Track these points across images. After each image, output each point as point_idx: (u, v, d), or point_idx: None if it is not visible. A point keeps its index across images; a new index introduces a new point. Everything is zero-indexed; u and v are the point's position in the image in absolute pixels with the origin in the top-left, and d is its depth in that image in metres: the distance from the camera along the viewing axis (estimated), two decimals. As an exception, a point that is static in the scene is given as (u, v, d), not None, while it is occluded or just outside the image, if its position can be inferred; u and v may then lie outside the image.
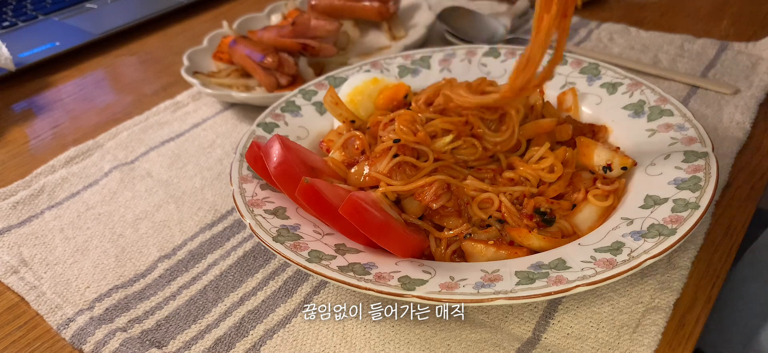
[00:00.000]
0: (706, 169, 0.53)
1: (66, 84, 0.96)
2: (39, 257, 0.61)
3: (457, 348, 0.48)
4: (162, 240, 0.62)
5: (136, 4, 1.16)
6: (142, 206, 0.67)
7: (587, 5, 1.01)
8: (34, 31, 1.07)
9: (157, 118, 0.82)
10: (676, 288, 0.50)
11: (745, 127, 0.68)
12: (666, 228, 0.48)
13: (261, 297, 0.54)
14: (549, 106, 0.68)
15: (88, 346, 0.51)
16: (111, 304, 0.55)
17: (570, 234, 0.54)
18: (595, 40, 0.90)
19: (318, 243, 0.51)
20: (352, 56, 0.91)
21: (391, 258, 0.51)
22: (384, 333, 0.50)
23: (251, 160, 0.59)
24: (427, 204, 0.54)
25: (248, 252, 0.59)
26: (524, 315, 0.50)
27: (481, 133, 0.59)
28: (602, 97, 0.67)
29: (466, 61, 0.75)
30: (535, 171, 0.57)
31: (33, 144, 0.82)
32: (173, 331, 0.52)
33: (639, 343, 0.47)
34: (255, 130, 0.65)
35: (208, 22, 1.13)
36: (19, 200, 0.69)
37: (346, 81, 0.71)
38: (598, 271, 0.45)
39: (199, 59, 0.88)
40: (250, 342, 0.50)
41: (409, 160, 0.56)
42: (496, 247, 0.51)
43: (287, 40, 0.83)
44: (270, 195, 0.57)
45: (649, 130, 0.61)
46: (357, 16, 0.95)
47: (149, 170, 0.73)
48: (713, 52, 0.83)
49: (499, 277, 0.46)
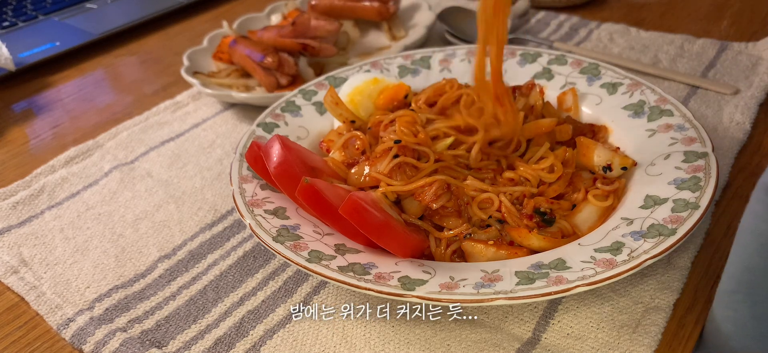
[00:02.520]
0: (706, 169, 0.53)
1: (66, 84, 0.96)
2: (39, 257, 0.61)
3: (457, 348, 0.48)
4: (162, 240, 0.62)
5: (136, 4, 1.16)
6: (142, 206, 0.67)
7: (587, 5, 1.01)
8: (34, 31, 1.07)
9: (157, 118, 0.82)
10: (676, 288, 0.50)
11: (745, 127, 0.68)
12: (666, 228, 0.48)
13: (261, 297, 0.54)
14: (549, 106, 0.68)
15: (88, 346, 0.51)
16: (111, 304, 0.55)
17: (570, 235, 0.54)
18: (595, 40, 0.90)
19: (318, 243, 0.51)
20: (352, 56, 0.91)
21: (391, 258, 0.51)
22: (384, 333, 0.50)
23: (251, 160, 0.59)
24: (427, 204, 0.54)
25: (248, 252, 0.59)
26: (524, 315, 0.50)
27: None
28: (602, 97, 0.67)
29: (466, 61, 0.75)
30: (535, 171, 0.57)
31: (33, 144, 0.82)
32: (173, 331, 0.52)
33: (639, 343, 0.47)
34: (255, 130, 0.65)
35: (208, 22, 1.13)
36: (19, 200, 0.69)
37: (346, 81, 0.71)
38: (598, 271, 0.45)
39: (199, 59, 0.88)
40: (250, 342, 0.50)
41: (409, 161, 0.56)
42: (496, 247, 0.51)
43: (287, 40, 0.83)
44: (270, 195, 0.57)
45: (649, 130, 0.61)
46: (357, 16, 0.95)
47: (149, 170, 0.73)
48: (713, 52, 0.83)
49: (499, 277, 0.46)
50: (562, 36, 0.93)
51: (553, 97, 0.70)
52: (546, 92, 0.70)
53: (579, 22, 0.95)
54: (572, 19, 0.96)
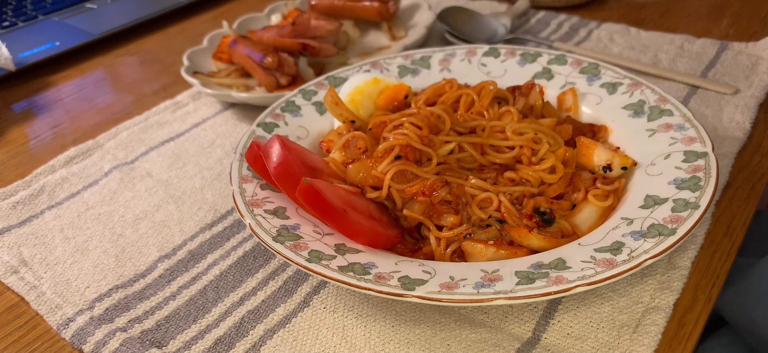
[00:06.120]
0: (706, 169, 0.53)
1: (66, 84, 0.96)
2: (39, 257, 0.61)
3: (457, 348, 0.48)
4: (162, 240, 0.62)
5: (136, 4, 1.16)
6: (142, 206, 0.67)
7: (587, 5, 1.01)
8: (34, 31, 1.07)
9: (157, 118, 0.82)
10: (676, 288, 0.50)
11: (745, 127, 0.68)
12: (666, 228, 0.48)
13: (261, 297, 0.54)
14: (549, 106, 0.68)
15: (88, 346, 0.51)
16: (111, 304, 0.55)
17: (570, 234, 0.54)
18: (595, 40, 0.90)
19: (318, 243, 0.51)
20: (352, 56, 0.91)
21: (391, 258, 0.51)
22: (384, 333, 0.50)
23: (251, 160, 0.59)
24: (427, 196, 0.54)
25: (248, 252, 0.59)
26: (524, 315, 0.50)
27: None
28: (602, 97, 0.67)
29: (466, 61, 0.75)
30: (536, 172, 0.57)
31: (33, 144, 0.82)
32: (173, 331, 0.52)
33: (639, 343, 0.47)
34: (255, 130, 0.65)
35: (208, 22, 1.13)
36: (19, 200, 0.69)
37: (346, 81, 0.71)
38: (598, 271, 0.45)
39: (199, 59, 0.88)
40: (250, 342, 0.50)
41: (409, 167, 0.55)
42: (496, 247, 0.51)
43: (287, 40, 0.83)
44: (270, 195, 0.57)
45: (649, 130, 0.61)
46: (357, 16, 0.95)
47: (149, 170, 0.73)
48: (713, 52, 0.83)
49: (499, 277, 0.46)
50: (562, 36, 0.93)
51: (553, 97, 0.70)
52: (546, 92, 0.70)
53: (579, 22, 0.95)
54: (572, 19, 0.97)
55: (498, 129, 0.60)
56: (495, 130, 0.60)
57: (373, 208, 0.55)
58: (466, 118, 0.62)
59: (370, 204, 0.56)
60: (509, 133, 0.59)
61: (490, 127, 0.60)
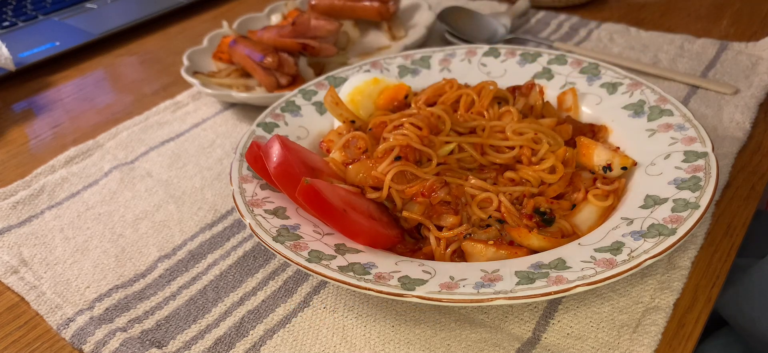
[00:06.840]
0: (706, 169, 0.53)
1: (66, 84, 0.96)
2: (39, 257, 0.61)
3: (457, 348, 0.48)
4: (162, 240, 0.62)
5: (136, 4, 1.16)
6: (142, 206, 0.67)
7: (587, 5, 1.01)
8: (34, 31, 1.07)
9: (157, 118, 0.82)
10: (676, 288, 0.50)
11: (745, 127, 0.68)
12: (666, 228, 0.48)
13: (261, 297, 0.54)
14: (549, 106, 0.68)
15: (88, 346, 0.51)
16: (111, 304, 0.55)
17: (570, 234, 0.54)
18: (595, 40, 0.90)
19: (318, 243, 0.51)
20: (352, 56, 0.91)
21: (391, 258, 0.51)
22: (384, 333, 0.50)
23: (251, 160, 0.59)
24: (426, 196, 0.54)
25: (248, 252, 0.59)
26: (524, 315, 0.50)
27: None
28: (602, 97, 0.67)
29: (466, 61, 0.75)
30: (536, 172, 0.57)
31: (33, 144, 0.82)
32: (173, 331, 0.52)
33: (639, 343, 0.47)
34: (255, 130, 0.65)
35: (208, 22, 1.13)
36: (19, 200, 0.69)
37: (346, 81, 0.71)
38: (598, 271, 0.45)
39: (199, 59, 0.88)
40: (250, 342, 0.50)
41: (409, 167, 0.55)
42: (496, 247, 0.51)
43: (287, 40, 0.83)
44: (270, 195, 0.57)
45: (649, 129, 0.61)
46: (357, 16, 0.95)
47: (149, 170, 0.73)
48: (713, 52, 0.83)
49: (499, 277, 0.46)
50: (562, 36, 0.93)
51: (553, 97, 0.70)
52: (546, 92, 0.70)
53: (579, 22, 0.95)
54: (572, 19, 0.97)
55: (498, 129, 0.60)
56: (495, 130, 0.60)
57: (373, 208, 0.55)
58: (466, 118, 0.62)
59: (370, 204, 0.56)
60: (509, 133, 0.59)
61: (490, 127, 0.60)
